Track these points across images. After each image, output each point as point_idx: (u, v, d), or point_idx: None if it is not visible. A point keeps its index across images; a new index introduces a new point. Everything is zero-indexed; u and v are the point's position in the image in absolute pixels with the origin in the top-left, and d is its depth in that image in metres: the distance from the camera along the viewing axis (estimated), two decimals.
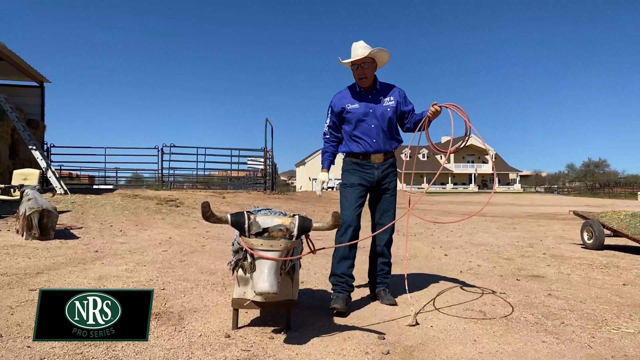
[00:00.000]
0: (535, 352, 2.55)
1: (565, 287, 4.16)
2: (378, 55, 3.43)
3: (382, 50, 3.40)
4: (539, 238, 8.32)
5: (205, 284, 3.97)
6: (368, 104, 3.48)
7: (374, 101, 3.50)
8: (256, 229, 2.46)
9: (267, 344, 2.56)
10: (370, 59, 3.40)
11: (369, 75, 3.46)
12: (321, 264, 5.13)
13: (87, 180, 20.87)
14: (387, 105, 3.50)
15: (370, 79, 3.48)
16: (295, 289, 2.88)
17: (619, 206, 21.64)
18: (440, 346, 2.62)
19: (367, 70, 3.43)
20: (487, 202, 4.55)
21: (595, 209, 12.30)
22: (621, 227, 6.52)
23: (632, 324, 3.09)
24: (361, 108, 3.47)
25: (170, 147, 17.01)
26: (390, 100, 3.51)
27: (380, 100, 3.51)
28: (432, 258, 5.77)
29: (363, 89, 3.53)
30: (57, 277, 3.99)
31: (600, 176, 70.22)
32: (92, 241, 6.26)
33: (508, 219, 13.57)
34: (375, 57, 3.43)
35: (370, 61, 3.42)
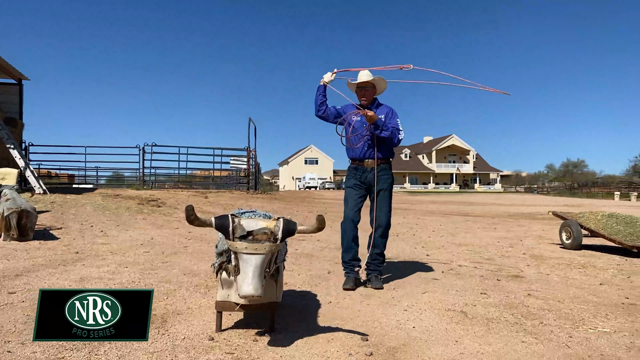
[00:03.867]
0: (514, 352, 2.60)
1: (544, 287, 4.24)
2: (378, 82, 4.32)
3: (382, 79, 4.31)
4: (519, 238, 8.45)
5: (188, 285, 3.95)
6: (363, 118, 4.20)
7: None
8: (240, 232, 2.46)
9: (251, 347, 2.56)
10: (371, 84, 4.29)
11: (369, 97, 4.31)
12: (305, 265, 5.15)
13: (66, 179, 20.52)
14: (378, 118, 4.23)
15: (369, 100, 4.31)
16: (279, 291, 2.89)
17: (596, 206, 22.07)
18: (422, 347, 2.66)
19: (368, 93, 4.30)
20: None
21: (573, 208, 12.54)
22: (598, 228, 6.66)
23: (609, 323, 3.16)
24: (358, 121, 4.27)
25: (152, 146, 16.82)
26: (381, 116, 4.24)
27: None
28: (414, 258, 5.83)
29: (363, 107, 4.29)
30: (37, 280, 3.93)
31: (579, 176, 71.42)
32: (73, 242, 6.18)
33: (489, 218, 13.75)
34: (375, 84, 4.31)
35: (371, 86, 4.30)
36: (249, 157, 18.16)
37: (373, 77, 4.27)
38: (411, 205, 22.20)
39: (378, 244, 4.26)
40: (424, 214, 15.64)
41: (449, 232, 9.30)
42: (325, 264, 5.25)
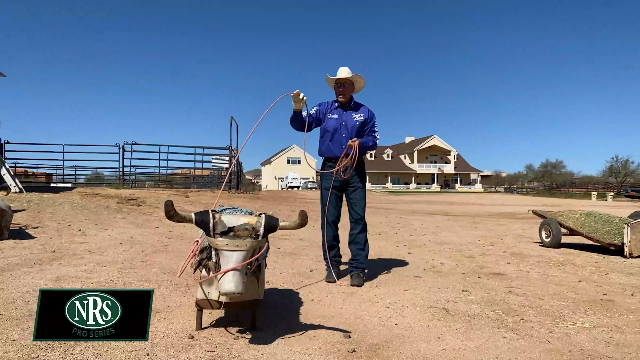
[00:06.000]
0: (496, 347, 2.61)
1: (524, 285, 4.28)
2: (357, 80, 4.28)
3: (360, 77, 4.26)
4: (499, 237, 8.53)
5: (168, 284, 3.89)
6: (342, 117, 4.26)
7: (347, 115, 4.28)
8: (221, 228, 2.42)
9: (232, 345, 2.52)
10: (350, 81, 4.24)
11: (347, 94, 4.28)
12: (287, 263, 5.11)
13: (44, 178, 20.10)
14: (356, 120, 4.26)
15: (347, 97, 4.29)
16: (261, 288, 2.85)
17: (574, 206, 22.47)
18: (404, 343, 2.65)
19: (347, 90, 4.27)
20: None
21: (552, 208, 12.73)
22: (577, 226, 6.76)
23: (588, 319, 3.20)
24: (337, 120, 4.26)
25: (132, 144, 16.62)
26: (360, 116, 4.27)
27: (352, 115, 4.28)
28: (397, 256, 5.84)
29: (340, 104, 4.30)
30: (12, 279, 3.83)
31: (557, 177, 72.52)
32: (49, 241, 6.04)
33: (470, 218, 13.87)
34: (354, 81, 4.27)
35: (350, 83, 4.26)
36: (230, 156, 18.03)
37: (353, 74, 4.23)
38: (393, 205, 22.32)
39: (359, 241, 4.27)
40: (406, 213, 15.72)
41: (430, 231, 9.35)
42: (307, 262, 5.22)
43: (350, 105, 4.31)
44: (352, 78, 4.23)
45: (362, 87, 4.36)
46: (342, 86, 4.25)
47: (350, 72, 4.24)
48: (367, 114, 4.29)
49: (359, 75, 4.26)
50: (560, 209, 8.38)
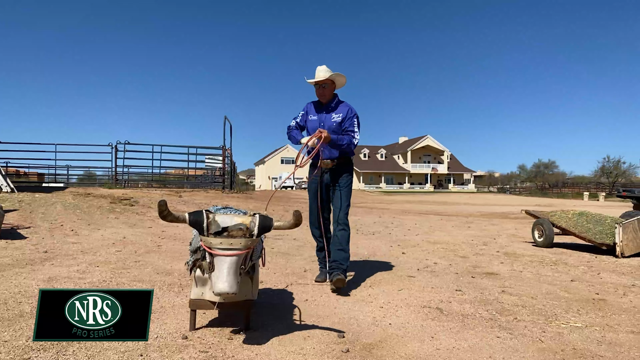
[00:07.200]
0: (489, 347, 2.62)
1: (517, 284, 4.30)
2: (337, 78, 4.13)
3: (340, 75, 4.11)
4: (492, 236, 8.57)
5: (162, 284, 3.87)
6: (321, 118, 4.15)
7: (326, 116, 4.15)
8: (215, 228, 2.41)
9: (226, 345, 2.52)
10: (329, 81, 4.09)
11: (327, 95, 4.14)
12: (281, 263, 5.11)
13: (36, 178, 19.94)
14: (334, 120, 4.11)
15: (328, 97, 4.15)
16: (255, 288, 2.85)
17: (567, 206, 22.60)
18: (398, 343, 2.65)
19: (326, 90, 4.11)
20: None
21: (545, 208, 12.79)
22: (569, 226, 6.80)
23: (580, 318, 3.22)
24: (316, 121, 4.15)
25: (124, 144, 16.53)
26: (338, 117, 4.11)
27: (331, 116, 4.14)
28: (390, 256, 5.84)
29: (322, 104, 4.20)
30: (3, 280, 3.80)
31: (550, 177, 72.96)
32: (41, 241, 6.00)
33: (463, 217, 13.92)
34: (334, 80, 4.13)
35: (330, 83, 4.11)
36: (224, 156, 17.98)
37: (331, 73, 4.08)
38: (387, 205, 22.36)
39: (337, 241, 4.08)
40: (399, 213, 15.75)
41: (424, 231, 9.37)
42: (301, 262, 5.22)
43: (331, 105, 4.17)
44: (330, 77, 4.08)
45: (343, 83, 4.22)
46: (322, 87, 4.11)
47: (329, 70, 4.09)
48: (346, 113, 4.10)
49: (337, 74, 4.10)
50: (552, 209, 8.43)
